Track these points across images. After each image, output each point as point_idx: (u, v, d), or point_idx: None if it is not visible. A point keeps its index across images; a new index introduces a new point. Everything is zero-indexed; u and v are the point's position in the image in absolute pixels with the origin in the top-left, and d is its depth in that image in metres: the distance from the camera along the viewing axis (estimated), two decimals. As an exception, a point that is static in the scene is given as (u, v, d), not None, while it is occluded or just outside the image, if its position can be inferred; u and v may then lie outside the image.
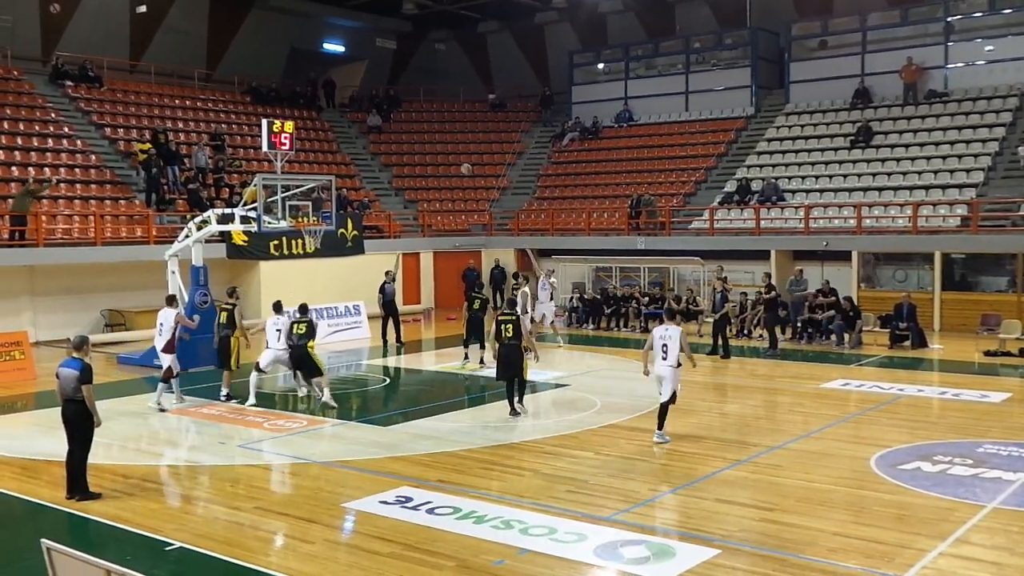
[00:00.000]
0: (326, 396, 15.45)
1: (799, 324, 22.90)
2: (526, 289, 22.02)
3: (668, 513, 9.84)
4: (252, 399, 15.65)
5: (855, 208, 25.97)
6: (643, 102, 35.95)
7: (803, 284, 23.35)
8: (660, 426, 12.86)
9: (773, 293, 21.85)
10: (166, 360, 15.42)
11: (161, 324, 15.53)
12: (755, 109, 33.45)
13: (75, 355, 10.41)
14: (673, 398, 12.90)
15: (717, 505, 10.09)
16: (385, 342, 23.01)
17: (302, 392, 16.27)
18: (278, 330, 15.76)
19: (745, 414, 15.14)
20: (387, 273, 23.37)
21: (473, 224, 33.45)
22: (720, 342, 20.76)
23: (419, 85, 39.96)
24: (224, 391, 15.96)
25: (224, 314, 16.01)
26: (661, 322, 13.33)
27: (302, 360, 15.68)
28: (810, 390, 16.89)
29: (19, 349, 18.85)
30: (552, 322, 23.59)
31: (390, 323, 23.11)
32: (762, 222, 27.25)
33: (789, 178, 29.43)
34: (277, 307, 16.09)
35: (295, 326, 15.73)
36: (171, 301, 15.93)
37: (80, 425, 10.37)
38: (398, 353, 22.28)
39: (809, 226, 26.37)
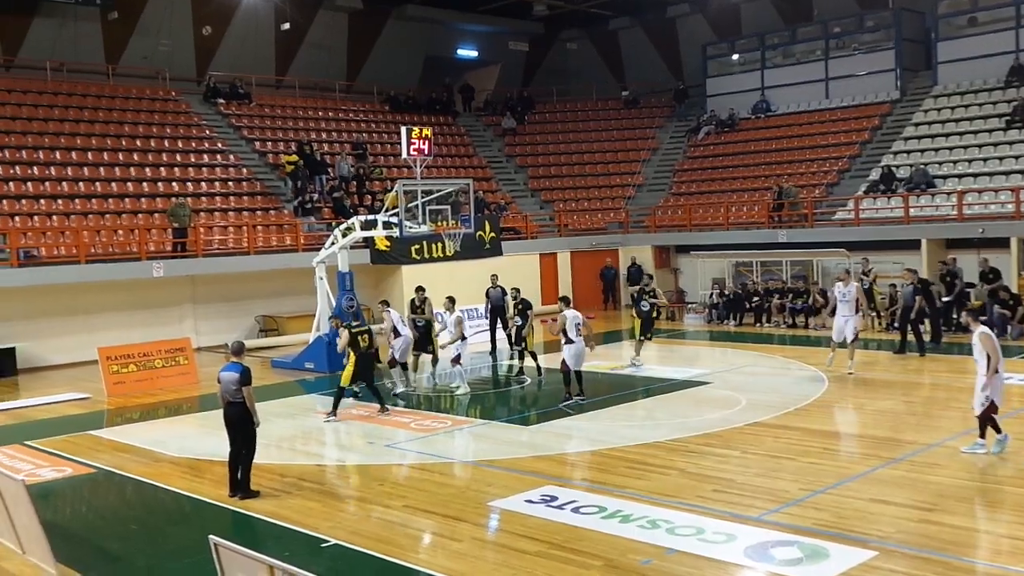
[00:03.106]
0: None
1: (954, 315, 21.89)
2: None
3: (820, 513, 9.57)
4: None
5: (1013, 192, 24.62)
6: (781, 91, 35.04)
7: (957, 274, 22.33)
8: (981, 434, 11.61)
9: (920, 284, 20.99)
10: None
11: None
12: (900, 93, 32.12)
13: (234, 360, 10.95)
14: None
15: (872, 505, 9.77)
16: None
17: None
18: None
19: (898, 411, 14.57)
20: (493, 277, 22.41)
21: (609, 223, 33.36)
22: (913, 338, 19.83)
23: (552, 86, 40.11)
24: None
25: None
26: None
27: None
28: (968, 385, 16.09)
29: (183, 355, 19.94)
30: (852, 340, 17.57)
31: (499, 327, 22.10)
32: (911, 210, 26.16)
33: (939, 163, 28.14)
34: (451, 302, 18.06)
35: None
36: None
37: (241, 426, 10.90)
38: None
39: (963, 212, 25.16)
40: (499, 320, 22.18)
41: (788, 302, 25.16)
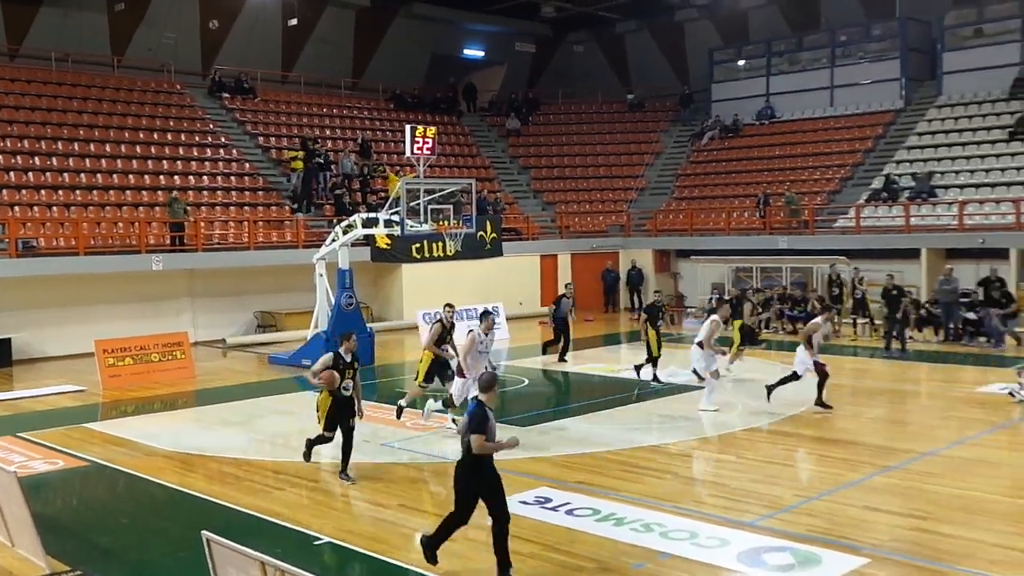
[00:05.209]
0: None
1: (951, 325, 21.99)
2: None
3: (813, 519, 9.55)
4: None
5: (1014, 203, 24.61)
6: (786, 98, 35.03)
7: (953, 283, 22.38)
8: None
9: (895, 292, 21.23)
10: (713, 363, 15.29)
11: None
12: (905, 102, 32.11)
13: (479, 395, 8.20)
14: None
15: (865, 512, 9.75)
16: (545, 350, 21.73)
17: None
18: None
19: (895, 419, 14.56)
20: (568, 286, 21.54)
21: (611, 225, 33.34)
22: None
23: (557, 87, 40.11)
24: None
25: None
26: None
27: None
28: (964, 394, 16.10)
29: (180, 349, 19.88)
30: None
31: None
32: (912, 219, 26.14)
33: (942, 173, 28.14)
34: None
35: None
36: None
37: (461, 489, 8.11)
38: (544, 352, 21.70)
39: (963, 223, 25.14)
40: (564, 332, 21.11)
41: (787, 309, 25.12)
